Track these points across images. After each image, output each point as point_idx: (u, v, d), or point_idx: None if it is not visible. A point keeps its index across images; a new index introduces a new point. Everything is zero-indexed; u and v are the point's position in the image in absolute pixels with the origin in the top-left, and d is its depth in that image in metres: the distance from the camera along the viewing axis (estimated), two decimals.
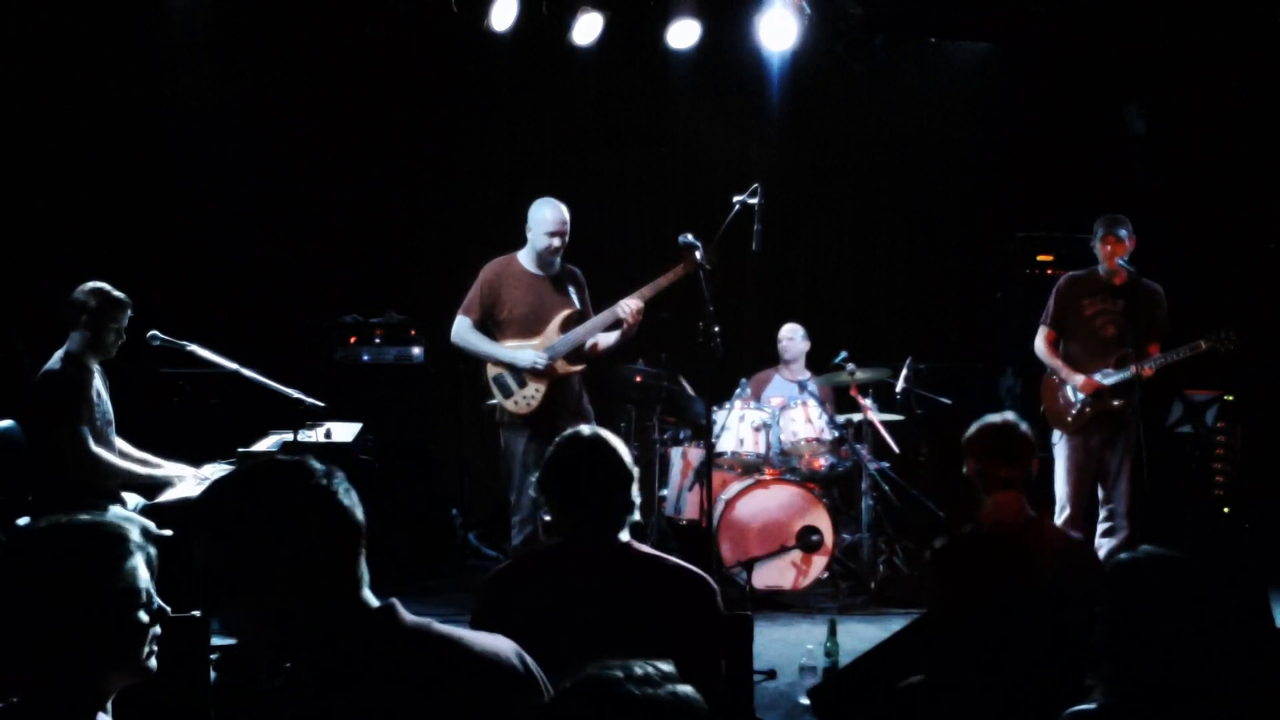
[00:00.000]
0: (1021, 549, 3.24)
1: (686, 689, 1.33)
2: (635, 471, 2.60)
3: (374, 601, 1.77)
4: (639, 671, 1.33)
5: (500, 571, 2.59)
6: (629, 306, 5.09)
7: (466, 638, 1.80)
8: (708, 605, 2.46)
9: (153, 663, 1.83)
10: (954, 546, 3.30)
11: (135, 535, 1.83)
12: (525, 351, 5.13)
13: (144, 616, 1.81)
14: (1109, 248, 5.38)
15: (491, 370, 5.21)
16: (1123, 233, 5.36)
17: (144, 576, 1.82)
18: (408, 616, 1.77)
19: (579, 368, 5.25)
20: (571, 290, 5.30)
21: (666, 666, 1.35)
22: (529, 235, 5.25)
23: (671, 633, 2.34)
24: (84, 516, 1.81)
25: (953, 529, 3.37)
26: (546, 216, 5.19)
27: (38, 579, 1.73)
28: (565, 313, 5.22)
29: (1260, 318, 6.80)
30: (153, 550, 1.85)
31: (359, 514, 1.76)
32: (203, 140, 6.52)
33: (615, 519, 2.51)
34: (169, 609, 1.89)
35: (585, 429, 2.66)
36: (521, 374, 5.15)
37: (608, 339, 5.30)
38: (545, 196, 5.30)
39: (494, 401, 5.24)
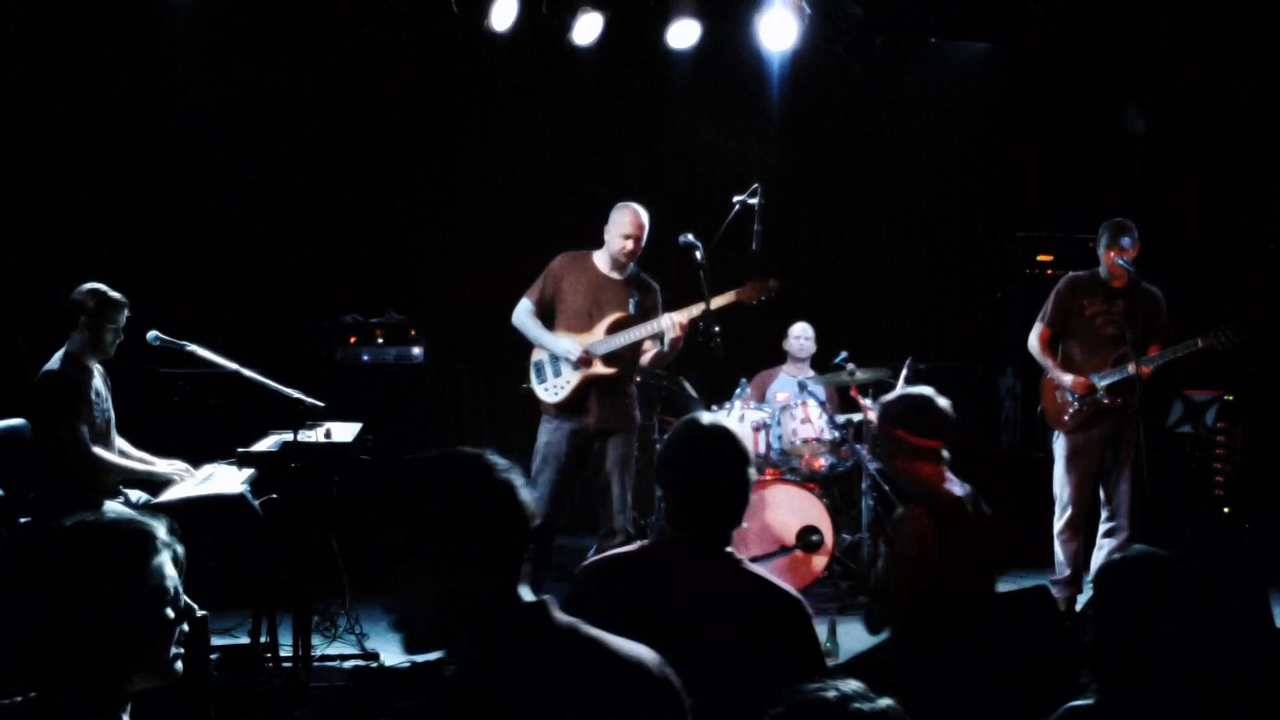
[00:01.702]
0: (974, 518, 3.30)
1: (888, 700, 1.38)
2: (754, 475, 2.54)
3: (529, 597, 1.81)
4: (848, 689, 1.38)
5: (594, 565, 2.53)
6: (673, 320, 5.13)
7: (613, 642, 1.81)
8: (804, 631, 2.41)
9: (179, 665, 1.83)
10: (919, 511, 3.31)
11: (162, 533, 1.83)
12: (565, 341, 5.19)
13: (171, 614, 1.80)
14: (1112, 255, 5.38)
15: (535, 355, 5.29)
16: (1126, 241, 5.35)
17: (171, 574, 1.82)
18: (560, 615, 1.81)
19: (613, 370, 5.24)
20: (635, 297, 5.31)
21: (855, 684, 1.40)
22: (606, 235, 5.29)
23: (766, 655, 2.29)
24: (111, 514, 1.82)
25: (907, 498, 3.38)
26: (623, 219, 5.25)
27: (67, 576, 1.73)
28: (616, 315, 5.24)
29: (1260, 318, 6.80)
30: (180, 548, 1.85)
31: (531, 511, 1.83)
32: (203, 140, 6.51)
33: (731, 525, 2.45)
34: (196, 608, 1.89)
35: (705, 416, 2.61)
36: (559, 363, 5.21)
37: (651, 350, 5.33)
38: (627, 201, 5.34)
39: (527, 385, 5.31)
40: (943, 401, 3.43)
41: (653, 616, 2.17)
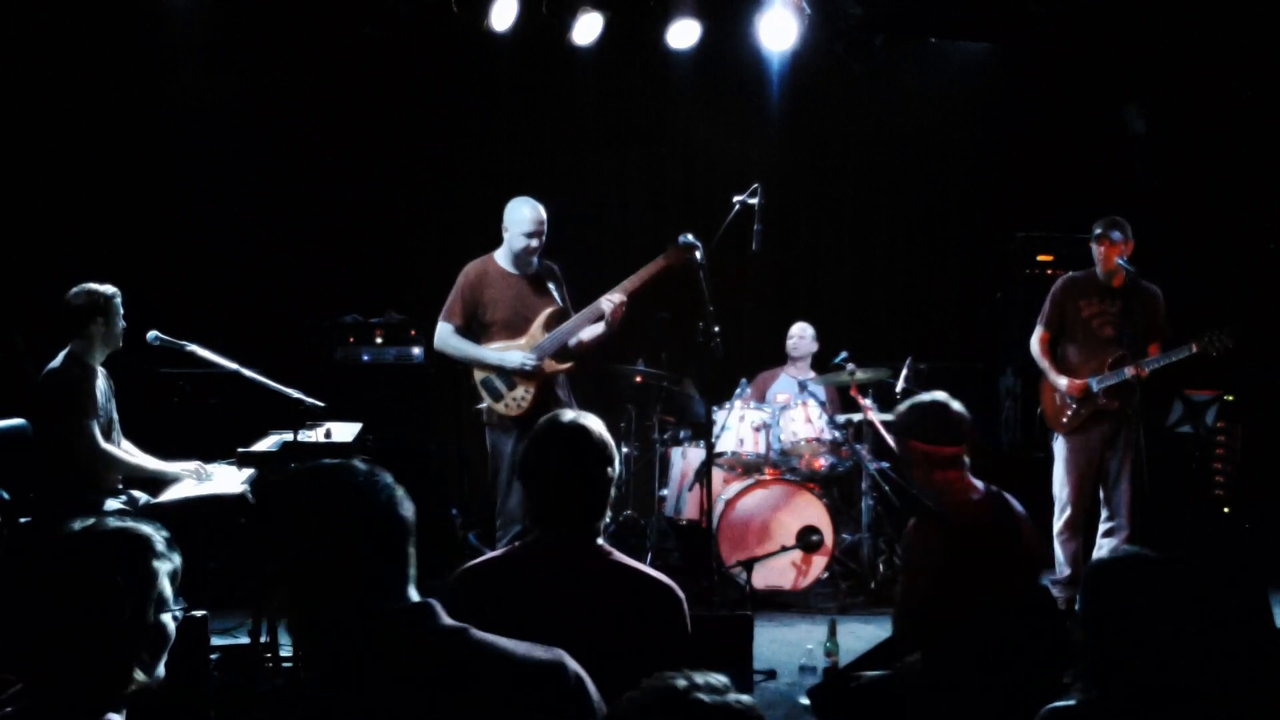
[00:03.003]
0: (991, 524, 3.24)
1: (746, 698, 1.37)
2: (617, 469, 2.53)
3: (415, 598, 1.81)
4: (701, 680, 1.37)
5: (470, 569, 2.52)
6: (611, 300, 5.08)
7: (505, 644, 1.80)
8: (676, 618, 2.41)
9: (161, 670, 1.85)
10: (928, 526, 3.28)
11: (160, 541, 1.86)
12: (513, 353, 5.12)
13: (167, 621, 1.84)
14: (1103, 249, 5.39)
15: (479, 374, 5.19)
16: (1116, 235, 5.36)
17: (167, 582, 1.85)
18: (446, 619, 1.80)
19: (567, 365, 5.24)
20: (552, 287, 5.28)
21: (721, 678, 1.39)
22: (505, 235, 5.24)
23: (640, 644, 2.30)
24: (112, 522, 1.84)
25: (920, 511, 3.34)
26: (525, 215, 5.18)
27: (66, 579, 1.76)
28: (548, 311, 5.21)
29: (1260, 318, 6.80)
30: (177, 559, 1.88)
31: (402, 510, 1.85)
32: (203, 140, 6.52)
33: (593, 520, 2.45)
34: (182, 616, 1.91)
35: (567, 414, 2.57)
36: (510, 376, 5.13)
37: (592, 333, 5.26)
38: (521, 196, 5.30)
39: (484, 405, 5.23)
40: (957, 405, 3.37)
41: (529, 616, 2.19)
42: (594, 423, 2.54)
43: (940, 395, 3.40)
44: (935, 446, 3.29)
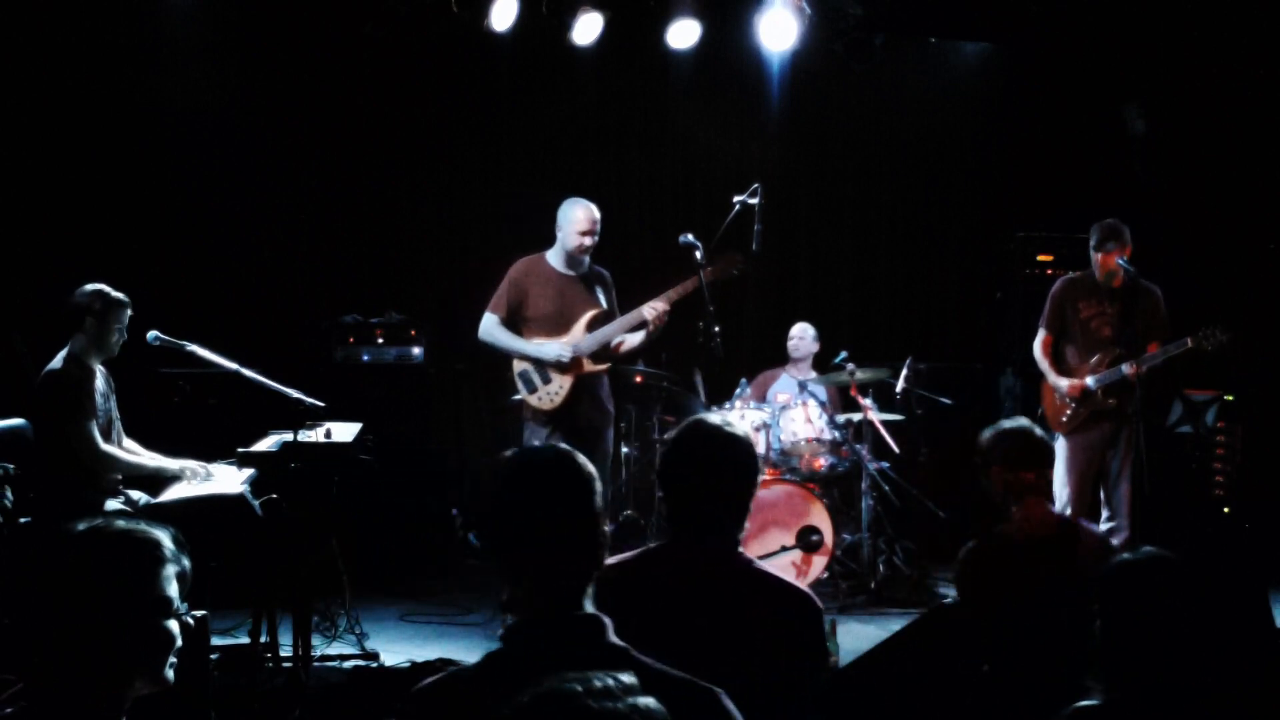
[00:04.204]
0: (1061, 554, 3.23)
1: (649, 701, 1.29)
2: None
3: (589, 609, 1.81)
4: (598, 684, 1.29)
5: (609, 567, 2.50)
6: (655, 309, 5.11)
7: (669, 670, 1.76)
8: (815, 627, 2.38)
9: (170, 674, 1.84)
10: (985, 553, 3.28)
11: (168, 544, 1.84)
12: (551, 345, 5.15)
13: (173, 625, 1.82)
14: (1099, 258, 5.40)
15: (517, 366, 5.23)
16: (1111, 246, 5.36)
17: (175, 587, 1.83)
18: (613, 636, 1.78)
19: (603, 366, 5.27)
20: (599, 291, 5.32)
21: (628, 678, 1.31)
22: (559, 234, 5.26)
23: (776, 652, 2.27)
24: (121, 523, 1.83)
25: (983, 534, 3.34)
26: (578, 216, 5.21)
27: (73, 583, 1.75)
28: (592, 312, 5.24)
29: (1260, 318, 6.80)
30: (186, 562, 1.86)
31: (598, 503, 1.86)
32: (202, 140, 6.51)
33: (736, 525, 2.42)
34: (193, 620, 1.90)
35: (713, 418, 2.57)
36: (546, 370, 5.17)
37: (633, 340, 5.32)
38: (575, 196, 5.33)
39: (518, 397, 5.27)
40: (1040, 431, 3.39)
41: (667, 616, 2.15)
42: (741, 430, 2.55)
43: (1023, 421, 3.43)
44: (1018, 472, 3.30)
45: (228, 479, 4.54)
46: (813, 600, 2.39)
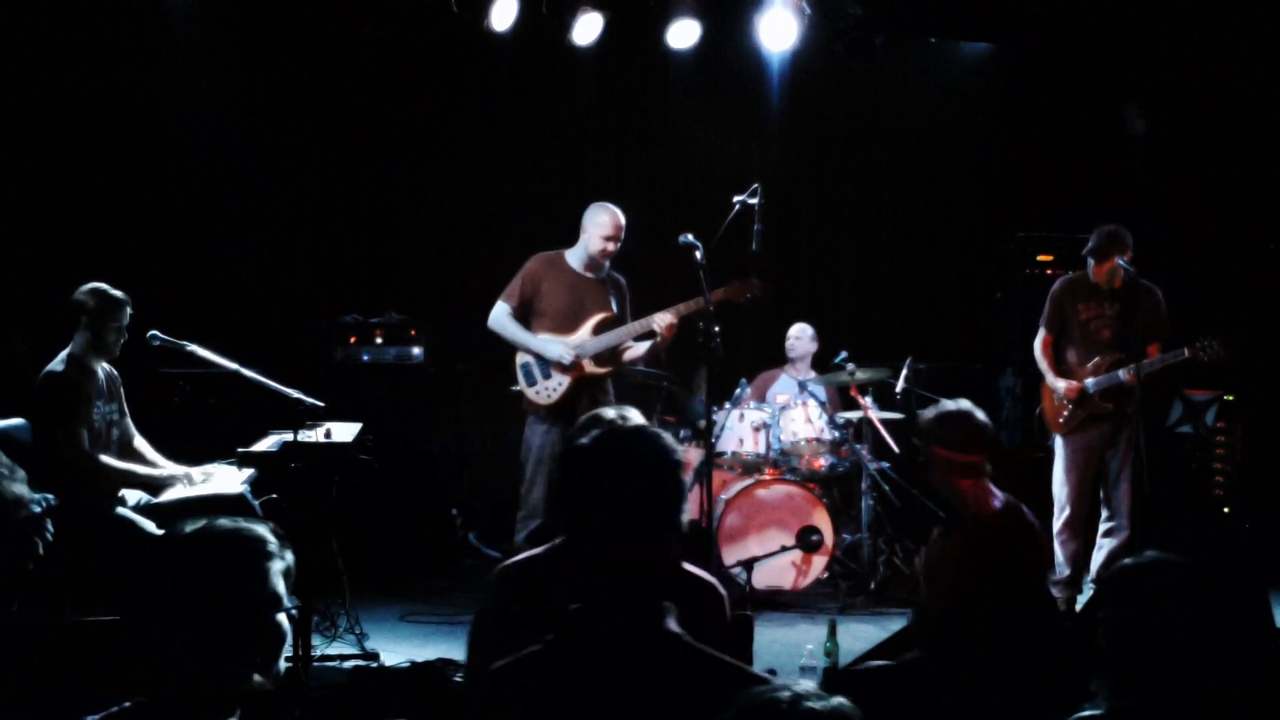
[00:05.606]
0: (1010, 533, 3.27)
1: (844, 700, 1.38)
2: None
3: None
4: (800, 689, 1.37)
5: (509, 568, 2.46)
6: (662, 320, 5.14)
7: (724, 658, 1.89)
8: (717, 614, 2.38)
9: (279, 668, 1.90)
10: (953, 537, 3.29)
11: (273, 540, 1.87)
12: (555, 344, 5.20)
13: (284, 620, 1.86)
14: (1093, 262, 5.40)
15: (520, 357, 5.28)
16: (1106, 255, 5.35)
17: (280, 581, 1.87)
18: (673, 623, 1.91)
19: (605, 370, 5.29)
20: (613, 297, 5.35)
21: (811, 684, 1.39)
22: (582, 235, 5.30)
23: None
24: (225, 521, 1.86)
25: (949, 524, 3.36)
26: (604, 220, 5.25)
27: (190, 583, 1.79)
28: (601, 316, 5.27)
29: (1260, 318, 6.80)
30: (290, 557, 1.89)
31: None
32: (202, 140, 6.51)
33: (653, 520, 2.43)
34: (296, 613, 1.93)
35: (609, 413, 2.58)
36: (548, 365, 5.21)
37: (639, 348, 5.36)
38: (602, 201, 5.36)
39: (517, 388, 5.31)
40: (981, 414, 3.41)
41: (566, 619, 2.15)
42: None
43: (965, 403, 3.43)
44: (956, 453, 3.33)
45: (228, 479, 4.54)
46: (717, 589, 2.40)
